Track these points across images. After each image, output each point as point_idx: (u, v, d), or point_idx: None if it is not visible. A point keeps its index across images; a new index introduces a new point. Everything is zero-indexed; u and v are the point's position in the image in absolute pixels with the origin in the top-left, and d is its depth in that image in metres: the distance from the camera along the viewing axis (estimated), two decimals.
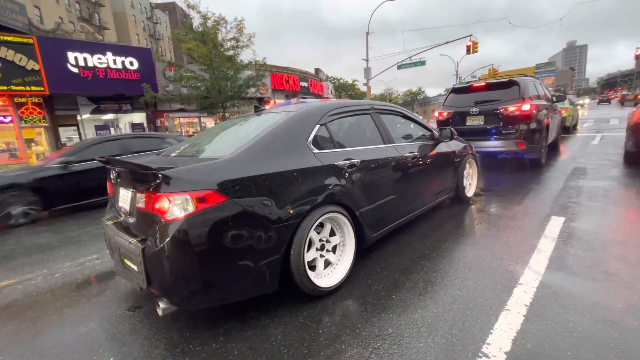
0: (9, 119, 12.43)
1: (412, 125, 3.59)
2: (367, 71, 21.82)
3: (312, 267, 2.24)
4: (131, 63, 14.39)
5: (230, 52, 13.61)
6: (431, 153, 3.43)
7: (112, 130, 16.41)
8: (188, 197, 1.67)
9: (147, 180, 1.81)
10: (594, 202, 3.79)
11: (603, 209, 3.57)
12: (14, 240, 4.19)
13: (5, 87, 11.63)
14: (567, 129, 11.94)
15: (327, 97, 28.06)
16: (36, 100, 13.08)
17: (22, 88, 11.95)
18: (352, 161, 2.43)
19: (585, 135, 10.78)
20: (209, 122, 18.88)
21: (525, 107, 5.32)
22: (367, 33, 21.68)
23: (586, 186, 4.52)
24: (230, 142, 2.35)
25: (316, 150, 2.28)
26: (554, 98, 7.24)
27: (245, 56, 14.49)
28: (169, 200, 1.67)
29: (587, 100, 45.16)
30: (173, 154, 2.57)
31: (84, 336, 2.01)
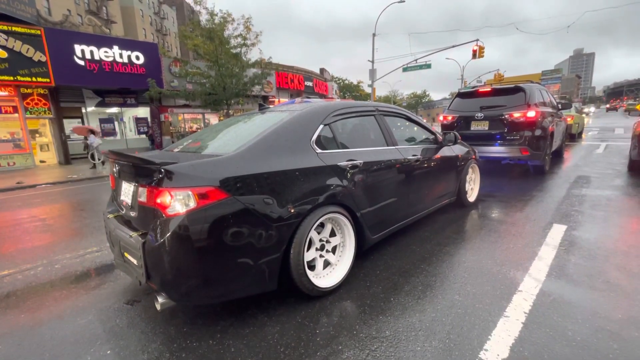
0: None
1: (415, 129, 3.58)
2: (372, 73, 21.80)
3: (312, 267, 2.24)
4: (137, 57, 14.42)
5: (237, 50, 13.62)
6: (434, 157, 3.41)
7: (115, 124, 16.50)
8: (190, 192, 1.67)
9: (149, 174, 1.81)
10: (596, 211, 3.77)
11: (606, 218, 3.54)
12: (17, 229, 4.21)
13: (11, 78, 11.70)
14: (573, 137, 11.91)
15: (332, 98, 28.05)
16: (42, 91, 13.16)
17: (29, 79, 12.00)
18: (354, 162, 2.43)
19: (590, 143, 10.72)
20: (213, 119, 18.93)
21: (531, 113, 5.30)
22: (374, 35, 21.67)
23: (589, 195, 4.49)
24: (234, 139, 2.35)
25: (319, 150, 2.27)
26: (559, 105, 7.22)
27: (252, 55, 14.46)
28: (171, 195, 1.67)
29: (592, 109, 44.63)
30: (176, 150, 2.57)
31: (81, 328, 2.01)
